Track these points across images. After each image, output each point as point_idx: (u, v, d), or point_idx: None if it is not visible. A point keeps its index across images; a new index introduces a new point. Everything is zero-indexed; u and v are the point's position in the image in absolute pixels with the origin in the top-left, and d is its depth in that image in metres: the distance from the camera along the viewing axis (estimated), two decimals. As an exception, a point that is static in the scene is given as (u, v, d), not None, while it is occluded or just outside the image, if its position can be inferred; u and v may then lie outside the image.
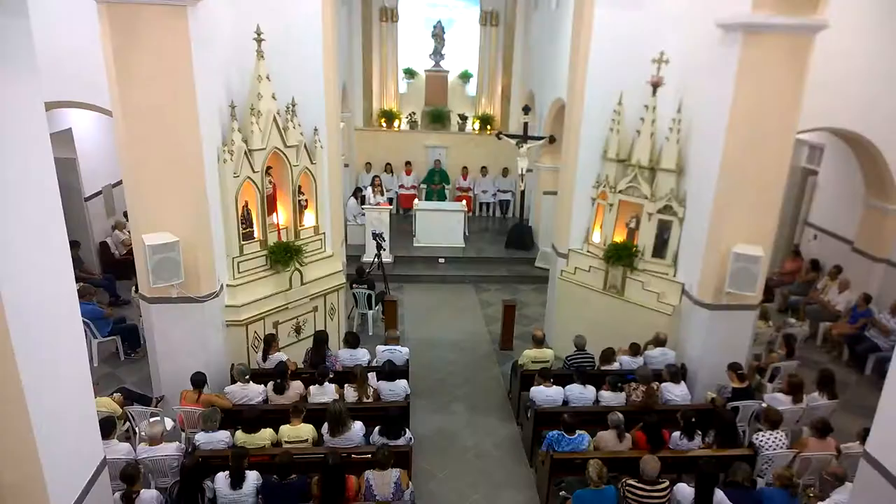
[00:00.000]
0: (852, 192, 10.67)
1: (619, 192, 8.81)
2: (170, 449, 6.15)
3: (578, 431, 6.51)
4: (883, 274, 10.13)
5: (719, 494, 5.52)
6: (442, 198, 15.87)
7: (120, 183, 10.40)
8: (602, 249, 9.00)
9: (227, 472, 5.63)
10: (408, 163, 16.19)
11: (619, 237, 8.89)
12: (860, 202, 10.44)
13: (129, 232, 11.11)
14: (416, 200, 14.71)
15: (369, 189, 13.74)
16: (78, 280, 5.67)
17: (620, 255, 8.71)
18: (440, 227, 13.57)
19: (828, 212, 11.67)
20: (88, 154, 11.42)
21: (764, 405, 7.04)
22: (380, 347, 8.18)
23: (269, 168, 8.14)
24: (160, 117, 6.57)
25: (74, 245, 10.28)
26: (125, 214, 11.73)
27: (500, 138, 13.68)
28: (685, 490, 5.65)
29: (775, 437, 6.42)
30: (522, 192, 14.27)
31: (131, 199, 7.09)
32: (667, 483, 5.66)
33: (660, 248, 8.59)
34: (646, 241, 8.65)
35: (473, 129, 16.77)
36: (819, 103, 8.52)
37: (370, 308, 10.55)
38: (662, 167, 8.40)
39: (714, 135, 7.38)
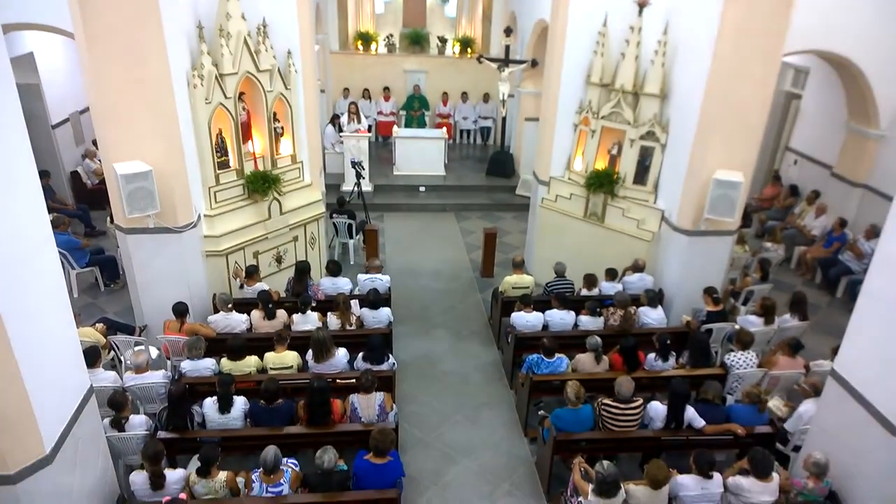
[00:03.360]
0: (835, 117, 10.65)
1: (602, 117, 8.69)
2: (156, 377, 6.22)
3: (557, 355, 6.69)
4: (860, 199, 10.27)
5: (690, 411, 5.77)
6: (422, 125, 15.60)
7: (87, 109, 10.06)
8: (583, 177, 8.96)
9: (214, 398, 5.74)
10: (386, 88, 15.77)
11: (601, 164, 8.85)
12: (842, 127, 10.45)
13: (100, 161, 10.84)
14: (395, 128, 14.43)
15: (345, 116, 13.42)
16: (50, 211, 5.55)
17: (602, 183, 8.69)
18: (420, 155, 13.39)
19: (809, 137, 11.68)
20: (53, 79, 10.98)
21: (737, 327, 7.24)
22: (361, 276, 8.22)
23: (241, 94, 7.88)
24: (124, 39, 6.25)
25: (44, 175, 10.03)
26: (94, 143, 11.43)
27: (480, 62, 13.33)
28: (658, 407, 5.89)
29: (746, 357, 6.66)
30: (504, 119, 14.06)
31: (100, 127, 6.86)
32: (640, 401, 5.88)
33: (641, 175, 8.58)
34: (627, 168, 8.62)
35: (454, 53, 16.30)
36: (807, 25, 8.37)
37: (351, 237, 10.52)
38: (646, 92, 8.26)
39: (700, 58, 7.24)
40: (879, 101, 9.59)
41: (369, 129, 14.02)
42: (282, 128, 8.45)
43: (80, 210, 11.03)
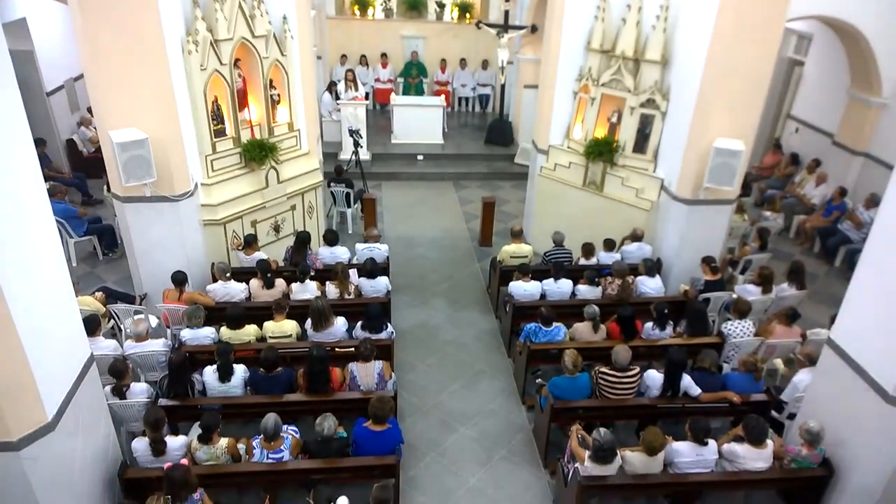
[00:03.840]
0: (837, 85, 10.54)
1: (602, 85, 8.57)
2: (156, 345, 6.25)
3: (555, 323, 6.72)
4: (861, 167, 10.22)
5: (686, 379, 5.82)
6: (420, 92, 15.42)
7: (82, 76, 9.93)
8: (583, 145, 8.89)
9: (214, 366, 5.77)
10: (384, 55, 15.54)
11: (601, 132, 8.76)
12: (844, 95, 10.34)
13: (95, 128, 10.72)
14: (392, 95, 14.27)
15: (342, 83, 13.24)
16: (47, 179, 5.47)
17: (601, 151, 8.62)
18: (418, 123, 13.26)
19: (811, 105, 11.56)
20: (47, 46, 10.81)
21: (734, 296, 7.27)
22: (359, 245, 8.21)
23: (237, 61, 7.76)
24: (117, 4, 6.12)
25: (40, 143, 9.92)
26: (90, 110, 11.30)
27: (479, 28, 13.13)
28: (655, 376, 5.94)
29: (743, 326, 6.70)
30: (503, 86, 13.89)
31: (94, 94, 6.77)
32: (637, 370, 5.93)
33: (641, 144, 8.50)
34: (627, 137, 8.54)
35: (452, 18, 16.02)
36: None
37: (349, 206, 10.48)
38: (647, 58, 8.14)
39: (702, 23, 7.12)
40: (882, 68, 9.48)
41: (367, 97, 13.86)
42: (278, 95, 8.34)
43: (77, 178, 10.95)
